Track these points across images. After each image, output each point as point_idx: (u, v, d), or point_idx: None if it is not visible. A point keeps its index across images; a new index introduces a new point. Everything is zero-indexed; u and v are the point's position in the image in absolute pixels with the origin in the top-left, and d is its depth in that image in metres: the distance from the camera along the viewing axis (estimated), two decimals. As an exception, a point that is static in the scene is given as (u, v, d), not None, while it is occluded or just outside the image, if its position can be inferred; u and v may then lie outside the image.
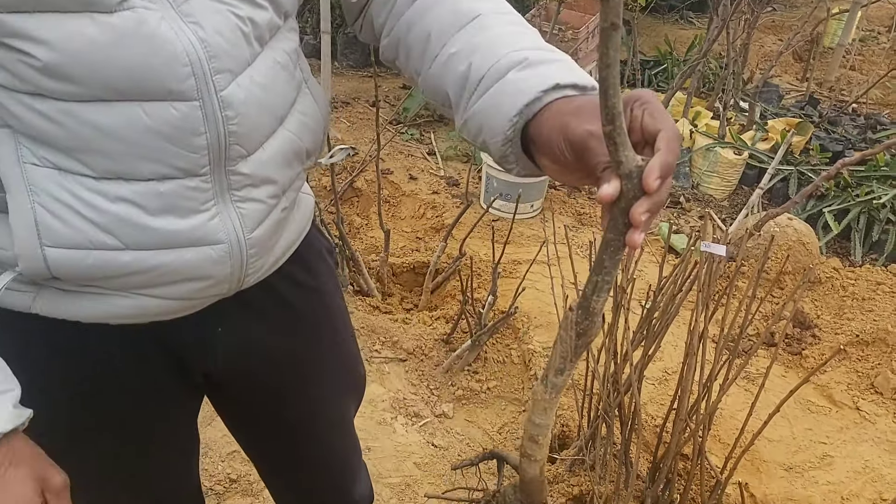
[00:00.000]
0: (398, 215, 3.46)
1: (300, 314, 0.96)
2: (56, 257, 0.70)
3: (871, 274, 3.03)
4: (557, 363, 0.77)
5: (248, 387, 0.99)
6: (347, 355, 1.11)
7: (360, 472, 1.31)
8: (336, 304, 1.06)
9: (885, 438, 2.27)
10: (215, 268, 0.78)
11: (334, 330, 1.05)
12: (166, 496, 1.06)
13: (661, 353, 2.63)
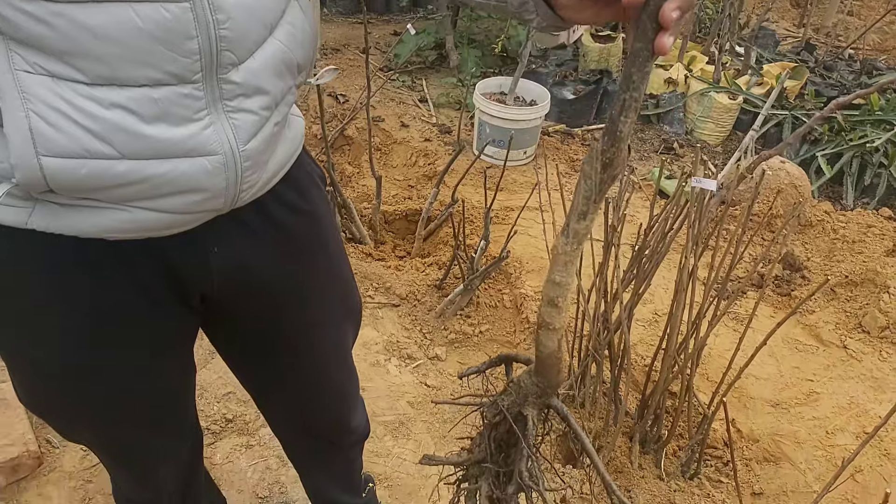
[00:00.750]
0: (390, 163, 3.43)
1: (294, 237, 0.96)
2: (52, 167, 0.69)
3: (861, 217, 3.04)
4: (580, 205, 0.72)
5: (245, 311, 0.99)
6: (342, 282, 1.11)
7: (357, 403, 1.33)
8: (330, 230, 1.06)
9: (870, 375, 2.31)
10: (210, 180, 0.77)
11: (328, 255, 1.05)
12: (166, 422, 1.07)
13: (652, 296, 2.65)
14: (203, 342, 2.14)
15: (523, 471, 0.92)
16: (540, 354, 0.85)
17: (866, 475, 1.98)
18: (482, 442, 0.99)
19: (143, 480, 1.15)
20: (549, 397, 0.90)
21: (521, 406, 0.90)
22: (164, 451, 1.11)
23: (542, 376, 0.87)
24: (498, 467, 0.96)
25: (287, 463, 1.84)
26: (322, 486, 1.47)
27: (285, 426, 1.31)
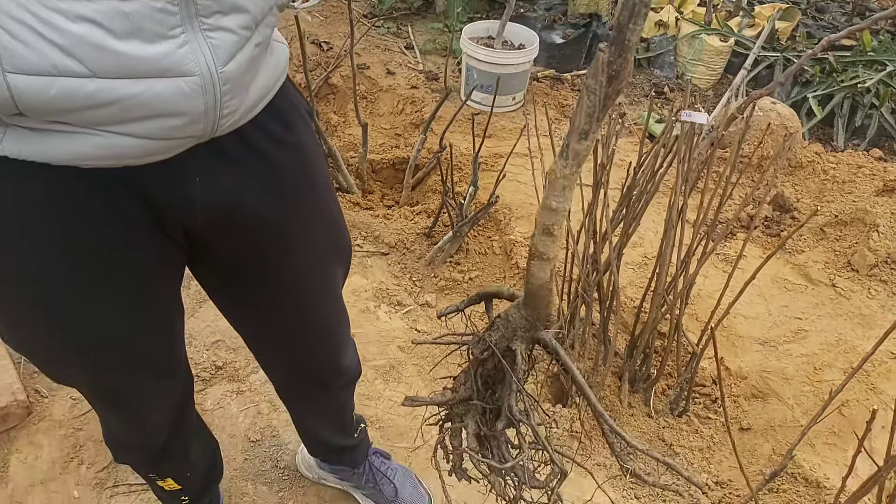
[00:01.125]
0: (376, 112, 3.38)
1: (278, 169, 0.93)
2: (20, 85, 0.66)
3: (852, 158, 3.03)
4: (582, 123, 0.69)
5: (230, 248, 0.97)
6: (330, 219, 1.08)
7: (348, 344, 1.32)
8: (317, 165, 1.02)
9: (858, 313, 2.33)
10: (188, 103, 0.74)
11: (315, 190, 1.02)
12: (155, 363, 1.05)
13: (641, 239, 2.65)
14: (190, 290, 2.13)
15: (512, 405, 0.90)
16: (530, 286, 0.83)
17: (853, 409, 2.01)
18: (468, 380, 0.97)
19: (134, 423, 1.14)
20: (538, 331, 0.87)
21: (509, 341, 0.88)
22: (154, 393, 1.10)
23: (532, 309, 0.85)
24: (485, 404, 0.95)
25: (279, 407, 1.84)
26: (314, 427, 1.47)
27: (276, 367, 1.30)
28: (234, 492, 1.65)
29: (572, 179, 0.74)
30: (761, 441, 1.96)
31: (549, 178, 0.76)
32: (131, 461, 1.26)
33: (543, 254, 0.80)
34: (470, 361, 0.97)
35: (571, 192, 0.76)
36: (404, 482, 1.63)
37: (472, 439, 0.97)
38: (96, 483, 1.64)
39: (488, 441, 0.97)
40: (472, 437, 0.97)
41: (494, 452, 0.95)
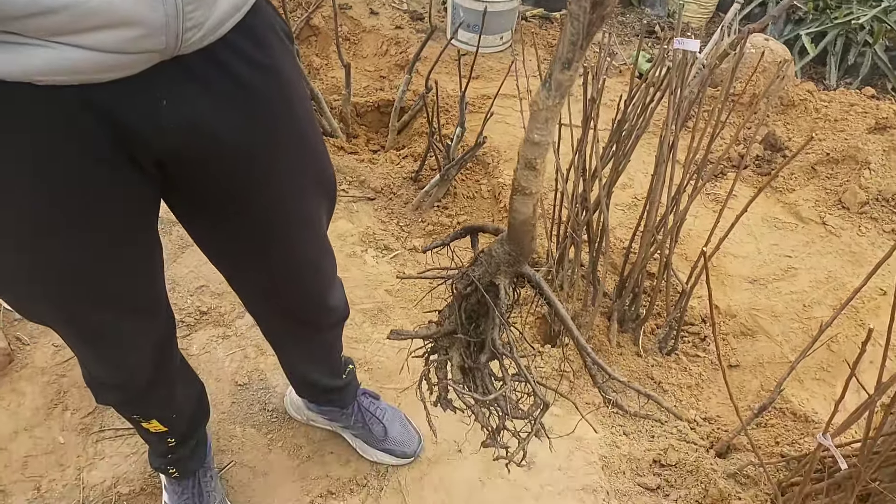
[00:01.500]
0: (360, 53, 3.28)
1: (252, 93, 0.87)
2: None
3: (844, 96, 2.98)
4: (565, 52, 0.65)
5: (205, 178, 0.91)
6: (311, 149, 1.02)
7: (334, 282, 1.28)
8: (296, 89, 0.96)
9: (848, 250, 2.32)
10: (144, 12, 0.68)
11: (294, 117, 0.96)
12: (134, 301, 1.01)
13: (631, 181, 2.61)
14: (172, 236, 2.09)
15: (496, 339, 0.90)
16: (513, 221, 0.81)
17: (841, 345, 2.01)
18: (452, 314, 0.95)
19: (113, 362, 1.11)
20: (521, 265, 0.87)
21: (492, 276, 0.87)
22: (132, 331, 1.07)
23: (515, 244, 0.84)
24: (469, 338, 0.94)
25: (266, 351, 1.82)
26: (301, 368, 1.45)
27: (261, 306, 1.26)
28: (222, 435, 1.64)
29: (555, 111, 0.71)
30: (750, 377, 1.97)
31: (531, 109, 0.72)
32: (114, 402, 1.23)
33: (526, 188, 0.77)
34: (454, 296, 0.95)
35: (555, 125, 0.72)
36: (393, 422, 1.62)
37: (456, 372, 0.97)
38: (81, 428, 1.63)
39: (472, 373, 0.97)
40: (457, 369, 0.96)
41: (479, 384, 0.96)
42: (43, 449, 1.59)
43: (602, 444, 1.71)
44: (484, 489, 1.59)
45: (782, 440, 1.73)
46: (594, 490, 1.60)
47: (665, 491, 1.62)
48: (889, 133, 2.66)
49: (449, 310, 0.98)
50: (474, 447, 1.67)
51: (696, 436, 1.77)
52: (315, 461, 1.60)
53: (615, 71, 3.30)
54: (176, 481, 1.45)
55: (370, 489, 1.56)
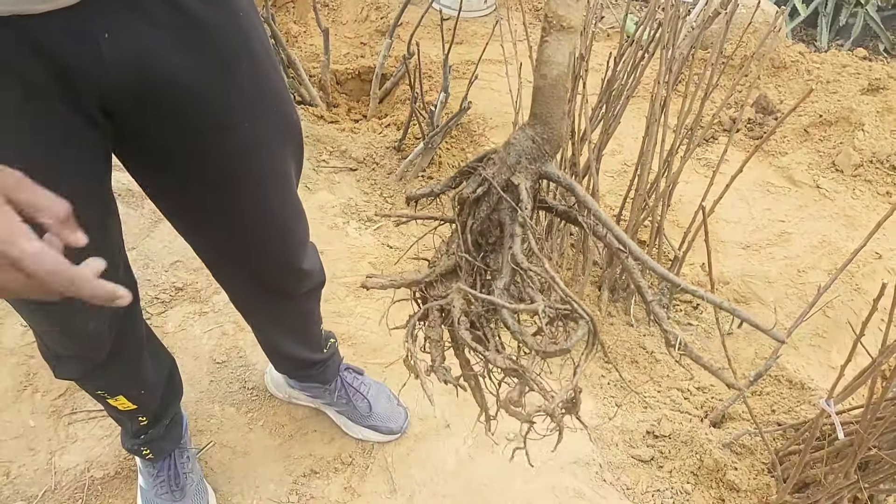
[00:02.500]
0: (339, 19, 3.17)
1: (204, 29, 0.78)
2: None
3: (836, 58, 2.91)
4: None
5: (156, 126, 0.82)
6: (273, 92, 0.93)
7: (307, 246, 1.19)
8: (253, 28, 0.86)
9: (842, 214, 2.27)
10: None
11: (252, 55, 0.86)
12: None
13: (621, 147, 2.54)
14: (144, 210, 2.00)
15: (517, 253, 0.67)
16: (541, 82, 0.60)
17: (837, 310, 1.97)
18: (453, 244, 0.74)
19: (69, 331, 1.03)
20: (547, 161, 0.65)
21: (510, 173, 0.66)
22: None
23: (543, 124, 0.62)
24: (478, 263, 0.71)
25: (245, 328, 1.75)
26: (278, 341, 1.38)
27: (230, 273, 1.17)
28: (199, 414, 1.57)
29: None
30: (744, 345, 1.93)
31: None
32: (74, 374, 1.14)
33: (563, 18, 0.55)
34: (457, 217, 0.72)
35: None
36: (378, 397, 1.56)
37: (461, 321, 0.71)
38: (52, 411, 1.56)
39: (480, 324, 0.73)
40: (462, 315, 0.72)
41: (489, 339, 0.72)
42: (12, 433, 1.52)
43: (594, 416, 1.66)
44: (473, 464, 1.54)
45: (778, 408, 1.69)
46: (587, 463, 1.56)
47: (659, 462, 1.58)
48: (882, 94, 2.61)
49: (446, 246, 0.76)
50: (463, 422, 1.62)
51: (689, 405, 1.72)
52: (297, 440, 1.54)
53: (603, 34, 3.21)
54: (150, 463, 1.39)
55: (355, 467, 1.51)
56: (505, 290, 0.68)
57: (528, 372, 0.68)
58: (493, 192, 0.66)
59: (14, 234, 0.55)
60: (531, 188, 0.66)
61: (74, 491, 1.43)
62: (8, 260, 0.54)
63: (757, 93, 2.73)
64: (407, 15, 2.62)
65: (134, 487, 1.44)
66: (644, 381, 1.80)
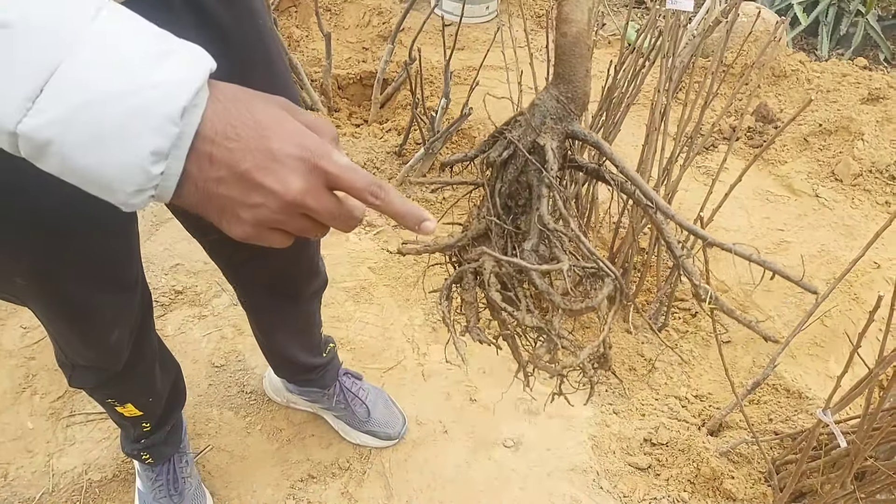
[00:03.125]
0: (341, 24, 3.18)
1: (224, 30, 0.79)
2: None
3: (836, 67, 2.92)
4: None
5: None
6: (286, 92, 0.95)
7: (319, 246, 1.22)
8: (267, 30, 0.88)
9: (841, 223, 2.27)
10: None
11: (269, 59, 0.89)
12: (112, 271, 0.94)
13: (621, 153, 2.55)
14: (145, 212, 2.01)
15: (544, 215, 0.68)
16: (562, 41, 0.62)
17: (835, 319, 1.97)
18: (483, 209, 0.73)
19: (94, 340, 1.03)
20: (572, 121, 0.66)
21: (536, 134, 0.66)
22: (113, 306, 0.99)
23: (566, 83, 0.63)
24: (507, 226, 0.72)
25: (244, 331, 1.76)
26: (282, 344, 1.39)
27: (245, 273, 1.18)
28: (198, 418, 1.58)
29: None
30: (742, 354, 1.93)
31: None
32: (89, 384, 1.16)
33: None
34: (485, 181, 0.73)
35: None
36: (376, 402, 1.56)
37: (493, 281, 0.72)
38: (51, 413, 1.56)
39: (511, 285, 0.73)
40: (493, 276, 0.72)
41: (521, 300, 0.72)
42: (10, 435, 1.52)
43: (592, 423, 1.67)
44: (470, 470, 1.54)
45: (776, 417, 1.69)
46: (584, 470, 1.56)
47: (656, 470, 1.58)
48: (882, 104, 2.61)
49: (477, 210, 0.75)
50: (461, 428, 1.63)
51: (687, 413, 1.73)
52: (295, 444, 1.55)
53: (604, 42, 3.22)
54: (150, 467, 1.39)
55: (353, 472, 1.51)
56: (533, 252, 0.69)
57: (555, 330, 0.69)
58: (520, 154, 0.66)
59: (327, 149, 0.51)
60: (558, 148, 0.66)
61: (72, 493, 1.43)
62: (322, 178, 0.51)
63: (757, 101, 2.74)
64: (409, 20, 2.63)
65: (132, 490, 1.44)
66: (642, 388, 1.80)
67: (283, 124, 0.50)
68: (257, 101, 0.51)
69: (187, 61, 0.46)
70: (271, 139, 0.48)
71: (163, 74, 0.44)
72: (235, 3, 0.80)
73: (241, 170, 0.47)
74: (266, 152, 0.48)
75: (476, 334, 0.74)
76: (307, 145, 0.50)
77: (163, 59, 0.45)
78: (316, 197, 0.50)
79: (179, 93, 0.44)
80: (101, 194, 0.47)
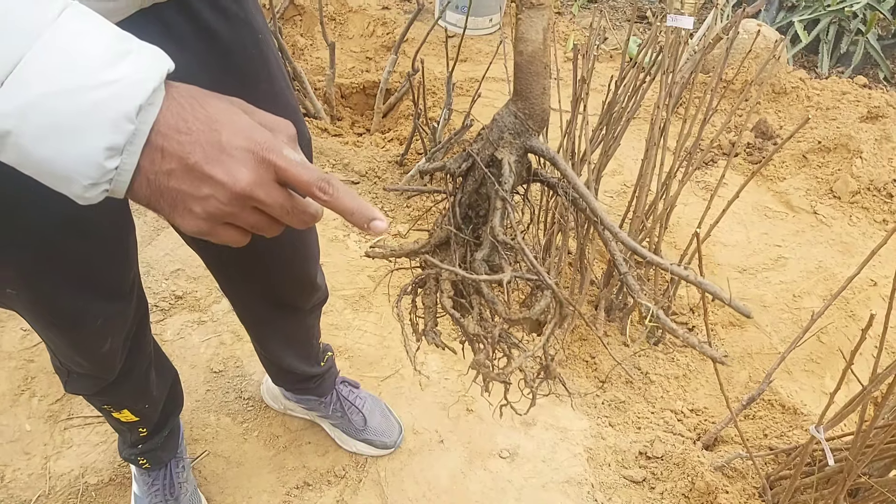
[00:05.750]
0: (346, 34, 3.20)
1: (227, 46, 0.81)
2: None
3: (836, 84, 2.94)
4: None
5: None
6: (287, 108, 0.96)
7: (318, 258, 1.22)
8: (268, 44, 0.90)
9: (839, 240, 2.28)
10: None
11: (270, 75, 0.90)
12: (107, 282, 0.95)
13: (621, 167, 2.57)
14: (147, 217, 2.02)
15: (496, 226, 0.71)
16: (519, 59, 0.65)
17: (831, 336, 1.98)
18: (445, 218, 0.76)
19: (84, 350, 1.05)
20: (530, 136, 0.68)
21: (494, 148, 0.69)
22: (106, 317, 1.00)
23: (524, 99, 0.67)
24: (466, 237, 0.75)
25: (242, 337, 1.76)
26: (279, 354, 1.39)
27: (243, 287, 1.19)
28: (195, 423, 1.58)
29: None
30: (738, 369, 1.94)
31: None
32: (84, 391, 1.17)
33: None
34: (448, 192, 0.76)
35: None
36: (373, 411, 1.57)
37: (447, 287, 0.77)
38: (49, 416, 1.56)
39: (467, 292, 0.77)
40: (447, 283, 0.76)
41: (475, 307, 0.76)
42: (8, 437, 1.53)
43: (587, 436, 1.67)
44: (466, 481, 1.54)
45: (770, 432, 1.70)
46: (578, 483, 1.56)
47: (651, 484, 1.58)
48: (881, 122, 2.63)
49: (441, 219, 0.78)
50: (457, 438, 1.63)
51: (682, 427, 1.73)
52: (292, 451, 1.55)
53: (606, 56, 3.24)
54: (146, 472, 1.39)
55: (348, 481, 1.51)
56: (484, 261, 0.72)
57: (495, 337, 0.72)
58: (478, 167, 0.69)
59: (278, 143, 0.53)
60: (516, 163, 0.68)
61: (68, 496, 1.44)
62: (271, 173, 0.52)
63: (757, 117, 2.76)
64: (412, 31, 2.65)
65: (128, 494, 1.44)
66: (638, 401, 1.81)
67: (235, 119, 0.52)
68: (212, 98, 0.53)
69: (146, 61, 0.48)
70: (221, 133, 0.50)
71: (121, 72, 0.46)
72: (235, 21, 0.82)
73: (191, 162, 0.49)
74: (215, 145, 0.49)
75: (430, 338, 0.78)
76: (256, 139, 0.51)
77: (122, 58, 0.47)
78: (265, 189, 0.52)
79: (136, 91, 0.46)
80: (58, 186, 0.48)
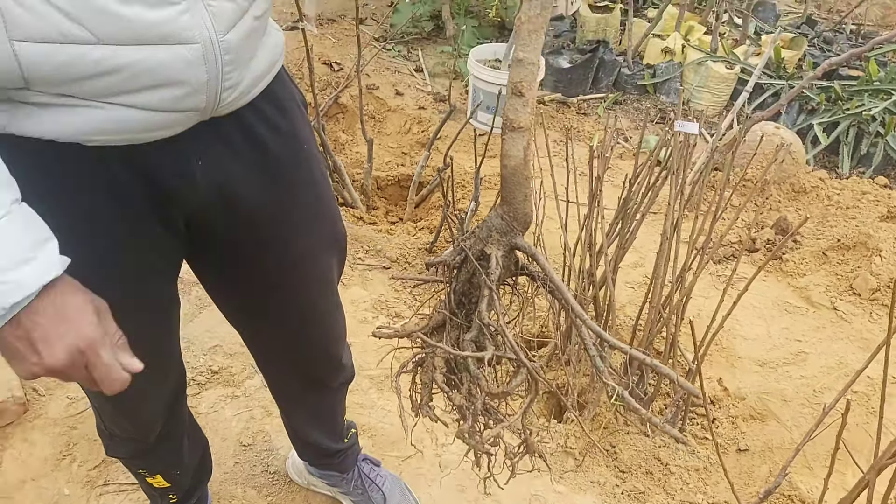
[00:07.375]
0: (384, 131, 3.42)
1: (276, 156, 0.94)
2: (27, 53, 0.67)
3: (856, 184, 3.02)
4: None
5: (228, 235, 0.97)
6: (326, 209, 1.09)
7: (345, 339, 1.32)
8: (312, 153, 1.04)
9: (860, 336, 2.30)
10: (190, 70, 0.76)
11: (312, 180, 1.03)
12: (152, 356, 1.06)
13: (643, 259, 2.65)
14: (191, 296, 2.15)
15: (483, 311, 0.81)
16: (504, 172, 0.75)
17: (853, 433, 1.98)
18: (444, 302, 0.88)
19: (127, 416, 1.15)
20: (515, 235, 0.79)
21: (483, 244, 0.81)
22: (146, 387, 1.10)
23: (508, 204, 0.77)
24: (459, 321, 0.86)
25: (272, 413, 1.84)
26: (306, 428, 1.47)
27: (276, 364, 1.30)
28: (223, 494, 1.64)
29: (538, 23, 0.71)
30: (759, 462, 1.94)
31: (516, 26, 0.72)
32: (123, 454, 1.26)
33: (514, 121, 0.72)
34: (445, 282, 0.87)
35: (539, 41, 0.71)
36: (393, 490, 1.62)
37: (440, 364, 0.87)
38: (87, 481, 1.65)
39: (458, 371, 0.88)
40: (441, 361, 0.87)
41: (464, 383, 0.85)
42: (48, 500, 1.61)
43: (604, 523, 1.68)
44: (481, 563, 1.56)
45: (789, 527, 1.69)
46: (594, 570, 1.57)
47: (667, 575, 1.58)
48: (901, 222, 2.69)
49: (440, 303, 0.91)
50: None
51: (700, 518, 1.73)
52: (313, 526, 1.60)
53: (629, 154, 3.39)
54: (174, 539, 1.45)
55: (366, 557, 1.54)
56: (472, 342, 0.83)
57: (477, 409, 0.83)
58: (469, 260, 0.80)
59: (103, 341, 0.74)
60: (503, 257, 0.79)
61: (98, 561, 1.50)
62: (85, 359, 0.73)
63: (777, 215, 2.84)
64: (446, 129, 2.83)
65: (154, 561, 1.50)
66: (658, 492, 1.82)
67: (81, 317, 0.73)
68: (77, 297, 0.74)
69: (39, 271, 0.69)
70: (62, 325, 0.71)
71: (15, 276, 0.67)
72: (283, 134, 0.96)
73: (33, 337, 0.70)
74: (54, 331, 0.71)
75: (425, 412, 0.91)
76: (86, 334, 0.73)
77: (23, 264, 0.67)
78: (74, 369, 0.73)
79: (16, 293, 0.67)
80: None
